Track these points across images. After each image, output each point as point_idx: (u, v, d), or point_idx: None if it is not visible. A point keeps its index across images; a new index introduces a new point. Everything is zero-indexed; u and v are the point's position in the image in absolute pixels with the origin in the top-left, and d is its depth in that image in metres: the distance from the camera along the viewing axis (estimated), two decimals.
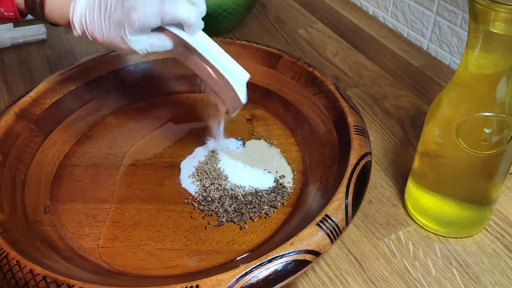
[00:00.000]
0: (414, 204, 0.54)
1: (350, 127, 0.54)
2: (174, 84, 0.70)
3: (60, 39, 0.85)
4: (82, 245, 0.51)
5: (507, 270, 0.50)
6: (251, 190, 0.56)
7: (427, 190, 0.51)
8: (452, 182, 0.50)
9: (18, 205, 0.52)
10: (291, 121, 0.64)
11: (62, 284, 0.41)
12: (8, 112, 0.57)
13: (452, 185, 0.50)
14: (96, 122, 0.65)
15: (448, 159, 0.48)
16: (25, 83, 0.75)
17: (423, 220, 0.53)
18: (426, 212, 0.53)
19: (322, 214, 0.45)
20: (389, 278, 0.49)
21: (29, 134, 0.58)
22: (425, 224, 0.53)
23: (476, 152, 0.46)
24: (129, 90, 0.68)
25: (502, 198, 0.56)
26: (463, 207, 0.51)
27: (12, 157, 0.55)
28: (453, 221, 0.52)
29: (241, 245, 0.51)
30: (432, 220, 0.52)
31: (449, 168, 0.49)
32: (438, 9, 0.77)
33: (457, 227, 0.52)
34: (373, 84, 0.74)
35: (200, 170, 0.58)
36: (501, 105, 0.44)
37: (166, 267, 0.49)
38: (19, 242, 0.46)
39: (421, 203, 0.53)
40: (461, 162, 0.47)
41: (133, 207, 0.55)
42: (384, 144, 0.64)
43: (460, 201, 0.50)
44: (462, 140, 0.45)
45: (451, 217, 0.52)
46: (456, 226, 0.52)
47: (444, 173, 0.50)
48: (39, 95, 0.60)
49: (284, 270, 0.41)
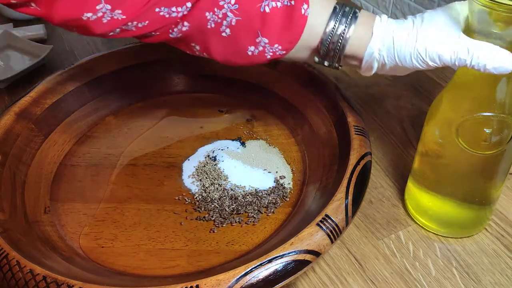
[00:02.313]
0: (414, 204, 0.54)
1: (350, 127, 0.54)
2: (174, 84, 0.70)
3: (60, 39, 0.85)
4: (82, 245, 0.51)
5: (507, 270, 0.50)
6: (251, 190, 0.56)
7: (427, 190, 0.51)
8: (452, 182, 0.50)
9: (18, 205, 0.52)
10: (291, 121, 0.64)
11: (62, 284, 0.41)
12: (8, 112, 0.57)
13: (452, 185, 0.50)
14: (96, 122, 0.65)
15: (448, 159, 0.48)
16: (25, 83, 0.75)
17: (423, 220, 0.53)
18: (426, 212, 0.53)
19: (322, 214, 0.45)
20: (389, 278, 0.49)
21: (29, 134, 0.58)
22: (425, 224, 0.53)
23: (476, 152, 0.45)
24: (129, 90, 0.68)
25: (502, 198, 0.56)
26: (463, 207, 0.51)
27: (12, 157, 0.55)
28: (453, 221, 0.52)
29: (241, 245, 0.51)
30: (432, 220, 0.52)
31: (449, 168, 0.49)
32: None
33: (457, 227, 0.52)
34: (373, 84, 0.74)
35: (200, 170, 0.58)
36: (501, 105, 0.44)
37: (166, 267, 0.49)
38: (19, 242, 0.46)
39: (421, 203, 0.53)
40: (461, 162, 0.47)
41: (133, 207, 0.55)
42: (384, 144, 0.64)
43: (460, 201, 0.50)
44: (462, 140, 0.45)
45: (451, 217, 0.52)
46: (456, 226, 0.52)
47: (444, 173, 0.50)
48: (39, 95, 0.60)
49: (284, 270, 0.41)
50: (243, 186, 0.56)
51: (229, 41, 0.48)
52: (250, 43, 0.48)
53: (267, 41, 0.47)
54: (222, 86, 0.69)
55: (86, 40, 0.84)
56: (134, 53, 0.68)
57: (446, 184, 0.50)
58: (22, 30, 0.84)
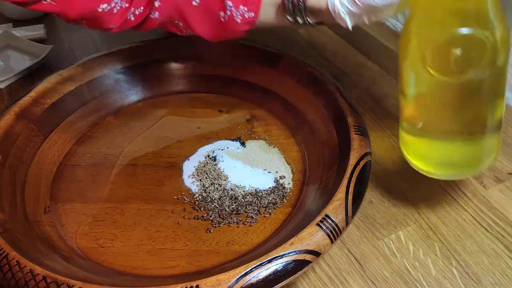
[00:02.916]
0: (413, 153, 0.50)
1: (350, 127, 0.54)
2: (174, 84, 0.70)
3: (60, 39, 0.85)
4: (82, 245, 0.51)
5: (507, 270, 0.50)
6: (251, 190, 0.56)
7: (420, 135, 0.48)
8: (439, 120, 0.46)
9: (18, 205, 0.52)
10: (291, 121, 0.64)
11: (62, 284, 0.41)
12: (8, 112, 0.57)
13: (440, 123, 0.46)
14: (96, 122, 0.65)
15: (428, 96, 0.45)
16: (25, 83, 0.75)
17: (426, 168, 0.49)
18: (426, 158, 0.49)
19: (322, 214, 0.45)
20: (389, 278, 0.49)
21: (29, 134, 0.58)
22: (430, 171, 0.49)
23: (449, 78, 0.41)
24: (129, 90, 0.68)
25: (502, 198, 0.56)
26: (462, 144, 0.47)
27: (12, 157, 0.55)
28: (456, 160, 0.48)
29: (241, 245, 0.51)
30: (435, 166, 0.49)
31: (431, 105, 0.45)
32: None
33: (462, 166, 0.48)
34: (373, 84, 0.74)
35: (200, 170, 0.58)
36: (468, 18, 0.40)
37: (166, 267, 0.49)
38: (19, 242, 0.46)
39: (420, 151, 0.49)
40: (440, 94, 0.44)
41: (133, 207, 0.55)
42: (384, 144, 0.64)
43: (457, 138, 0.46)
44: (432, 68, 0.41)
45: (452, 157, 0.48)
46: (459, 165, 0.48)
47: (428, 112, 0.46)
48: (39, 95, 0.60)
49: (284, 270, 0.41)
50: (243, 186, 0.56)
51: (202, 10, 0.52)
52: (219, 8, 0.52)
53: (231, 4, 0.51)
54: (222, 86, 0.69)
55: (86, 40, 0.84)
56: (134, 53, 0.68)
57: (435, 124, 0.46)
58: (22, 30, 0.84)
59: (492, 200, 0.56)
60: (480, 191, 0.57)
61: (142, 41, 0.69)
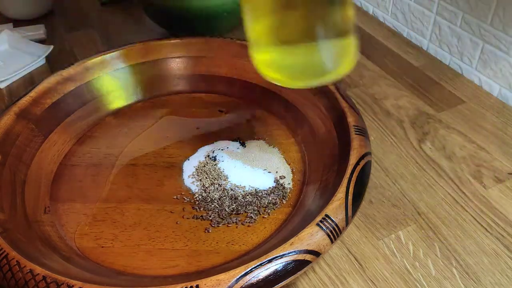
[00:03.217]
0: (268, 67, 0.48)
1: (350, 127, 0.54)
2: (174, 84, 0.70)
3: (60, 39, 0.85)
4: (82, 245, 0.51)
5: (507, 270, 0.50)
6: (251, 190, 0.56)
7: (265, 47, 0.46)
8: (282, 25, 0.44)
9: (18, 205, 0.52)
10: (291, 121, 0.64)
11: (62, 284, 0.41)
12: (8, 112, 0.57)
13: (283, 28, 0.44)
14: (96, 122, 0.65)
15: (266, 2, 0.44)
16: (25, 83, 0.75)
17: (283, 79, 0.47)
18: (281, 69, 0.47)
19: (322, 214, 0.45)
20: (389, 278, 0.49)
21: (29, 134, 0.58)
22: (285, 81, 0.47)
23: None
24: (128, 90, 0.68)
25: (502, 198, 0.56)
26: (307, 48, 0.45)
27: (12, 157, 0.55)
28: (307, 67, 0.46)
29: (241, 245, 0.51)
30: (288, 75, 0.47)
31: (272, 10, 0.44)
32: (438, 9, 0.77)
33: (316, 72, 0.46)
34: (373, 84, 0.74)
35: (200, 170, 0.58)
36: None
37: (166, 267, 0.49)
38: (19, 242, 0.46)
39: (274, 63, 0.47)
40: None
41: (133, 207, 0.55)
42: (384, 144, 0.64)
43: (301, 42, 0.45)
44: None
45: (305, 64, 0.46)
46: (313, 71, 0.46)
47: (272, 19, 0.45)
48: (39, 95, 0.60)
49: (284, 270, 0.41)
50: (243, 186, 0.56)
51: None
52: None
53: None
54: (222, 86, 0.69)
55: (86, 40, 0.84)
56: (134, 53, 0.68)
57: (280, 30, 0.45)
58: (22, 30, 0.84)
59: (492, 200, 0.56)
60: (480, 191, 0.57)
61: (142, 41, 0.69)
